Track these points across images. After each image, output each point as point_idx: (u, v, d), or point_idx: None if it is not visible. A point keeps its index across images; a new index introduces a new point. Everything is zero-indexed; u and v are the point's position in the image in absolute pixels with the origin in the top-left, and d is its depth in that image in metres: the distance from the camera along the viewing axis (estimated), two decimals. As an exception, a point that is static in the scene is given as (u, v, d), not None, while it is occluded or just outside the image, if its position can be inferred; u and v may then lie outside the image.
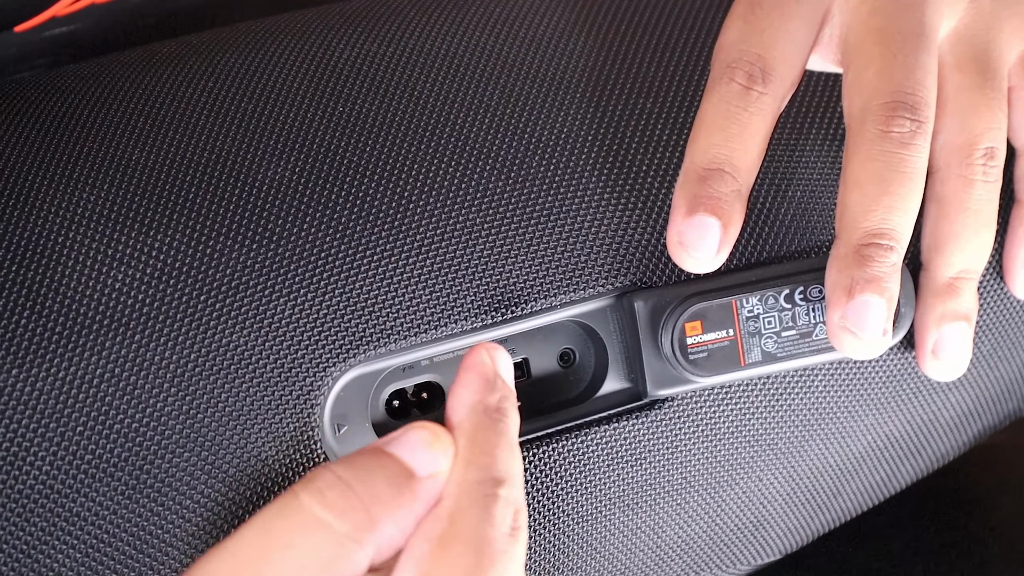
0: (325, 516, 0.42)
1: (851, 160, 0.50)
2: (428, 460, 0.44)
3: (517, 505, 0.44)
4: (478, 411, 0.46)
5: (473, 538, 0.43)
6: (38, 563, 0.48)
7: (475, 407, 0.46)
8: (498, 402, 0.46)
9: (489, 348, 0.47)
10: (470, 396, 0.46)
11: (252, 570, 0.42)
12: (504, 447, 0.45)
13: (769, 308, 0.53)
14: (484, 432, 0.45)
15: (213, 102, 0.53)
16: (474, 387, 0.46)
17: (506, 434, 0.46)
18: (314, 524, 0.42)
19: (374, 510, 0.43)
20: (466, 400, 0.46)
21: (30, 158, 0.51)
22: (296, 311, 0.50)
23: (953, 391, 0.59)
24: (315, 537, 0.42)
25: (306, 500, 0.43)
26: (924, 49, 0.51)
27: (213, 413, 0.49)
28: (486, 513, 0.43)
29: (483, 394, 0.46)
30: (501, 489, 0.44)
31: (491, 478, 0.44)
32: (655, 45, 0.57)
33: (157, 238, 0.50)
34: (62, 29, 0.67)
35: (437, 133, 0.53)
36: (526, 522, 0.45)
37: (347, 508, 0.43)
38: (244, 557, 0.42)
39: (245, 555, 0.42)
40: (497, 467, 0.45)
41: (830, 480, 0.58)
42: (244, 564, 0.42)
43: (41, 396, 0.48)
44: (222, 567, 0.42)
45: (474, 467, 0.45)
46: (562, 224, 0.52)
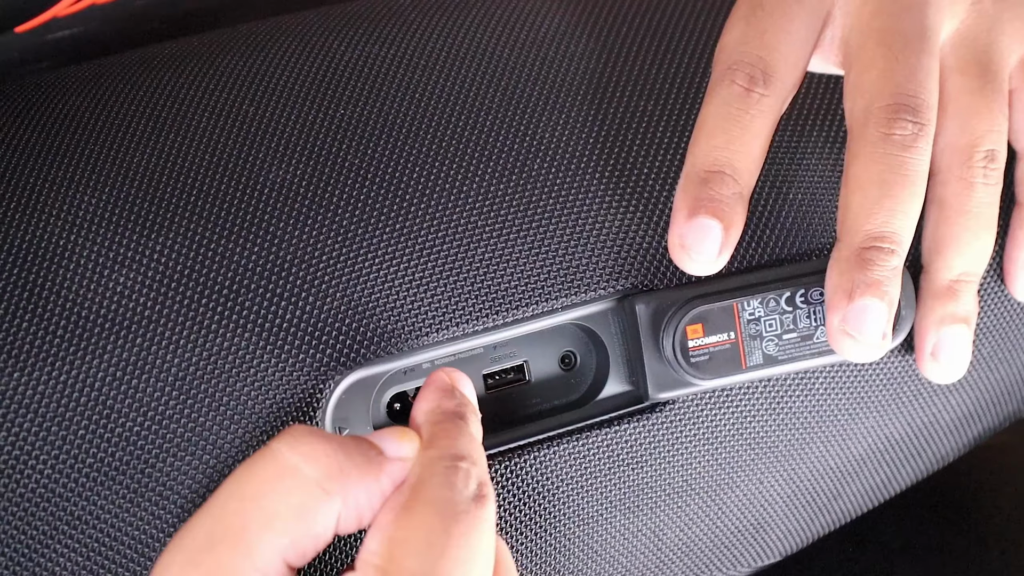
0: (295, 460, 0.43)
1: (853, 162, 0.50)
2: (396, 445, 0.46)
3: (481, 479, 0.45)
4: (436, 412, 0.47)
5: (435, 500, 0.44)
6: (40, 566, 0.48)
7: (434, 410, 0.47)
8: (456, 407, 0.48)
9: (448, 370, 0.49)
10: (428, 403, 0.48)
11: (225, 523, 0.43)
12: (464, 435, 0.47)
13: (770, 311, 0.53)
14: (443, 425, 0.47)
15: (214, 104, 0.53)
16: (432, 396, 0.48)
17: (465, 428, 0.47)
18: (284, 469, 0.43)
19: (345, 465, 0.44)
20: (425, 407, 0.48)
21: (31, 160, 0.51)
22: (298, 314, 0.50)
23: (953, 393, 0.59)
24: (284, 482, 0.43)
25: (277, 447, 0.44)
26: (926, 51, 0.51)
27: (214, 416, 0.49)
28: (447, 479, 0.44)
29: (440, 401, 0.48)
30: (461, 463, 0.45)
31: (451, 455, 0.45)
32: (656, 47, 0.57)
33: (159, 241, 0.50)
34: (64, 32, 0.67)
35: (438, 135, 0.53)
36: (493, 496, 0.45)
37: (318, 454, 0.44)
38: (219, 511, 0.43)
39: (220, 509, 0.43)
40: (457, 447, 0.46)
41: (830, 482, 0.58)
42: (219, 519, 0.43)
43: (43, 399, 0.48)
44: (200, 525, 0.43)
45: (434, 448, 0.46)
46: (563, 227, 0.52)
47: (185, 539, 0.43)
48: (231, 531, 0.43)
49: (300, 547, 0.43)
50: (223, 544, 0.42)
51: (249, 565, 0.42)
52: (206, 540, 0.43)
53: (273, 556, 0.43)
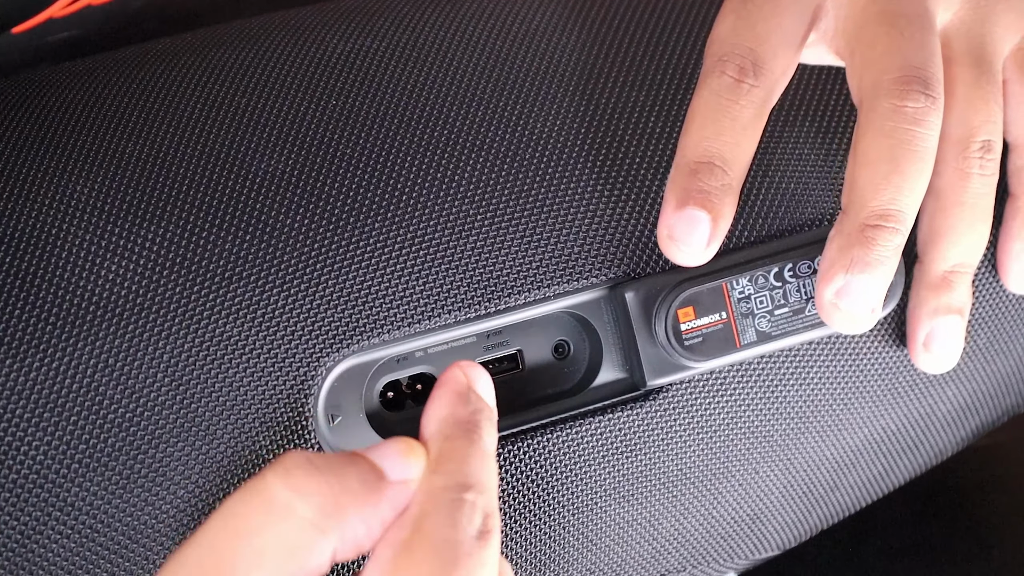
0: (289, 499, 0.42)
1: (862, 136, 0.49)
2: (400, 466, 0.44)
3: (487, 510, 0.43)
4: (448, 423, 0.45)
5: (437, 542, 0.42)
6: (32, 552, 0.48)
7: (446, 420, 0.46)
8: (470, 415, 0.46)
9: (464, 366, 0.47)
10: (440, 411, 0.46)
11: (216, 559, 0.41)
12: (474, 455, 0.45)
13: (760, 288, 0.53)
14: (453, 441, 0.45)
15: (207, 96, 0.53)
16: (445, 401, 0.46)
17: (478, 444, 0.45)
18: (276, 506, 0.42)
19: (341, 499, 0.42)
20: (437, 414, 0.46)
21: (24, 151, 0.52)
22: (290, 302, 0.50)
23: (950, 385, 0.59)
24: (278, 522, 0.41)
25: (271, 480, 0.42)
26: (929, 29, 0.51)
27: (207, 403, 0.49)
28: (451, 518, 0.43)
29: (454, 408, 0.46)
30: (467, 494, 0.43)
31: (457, 484, 0.43)
32: (648, 39, 0.57)
33: (151, 229, 0.50)
34: (63, 35, 0.67)
35: (430, 126, 0.53)
36: (498, 527, 0.44)
37: (313, 491, 0.42)
38: (209, 546, 0.42)
39: (210, 544, 0.42)
40: (464, 473, 0.44)
41: (827, 473, 0.58)
42: (210, 553, 0.42)
43: (35, 386, 0.48)
44: (190, 557, 0.42)
45: (440, 474, 0.44)
46: (555, 216, 0.52)
47: (177, 570, 0.42)
48: (221, 568, 0.41)
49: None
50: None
51: None
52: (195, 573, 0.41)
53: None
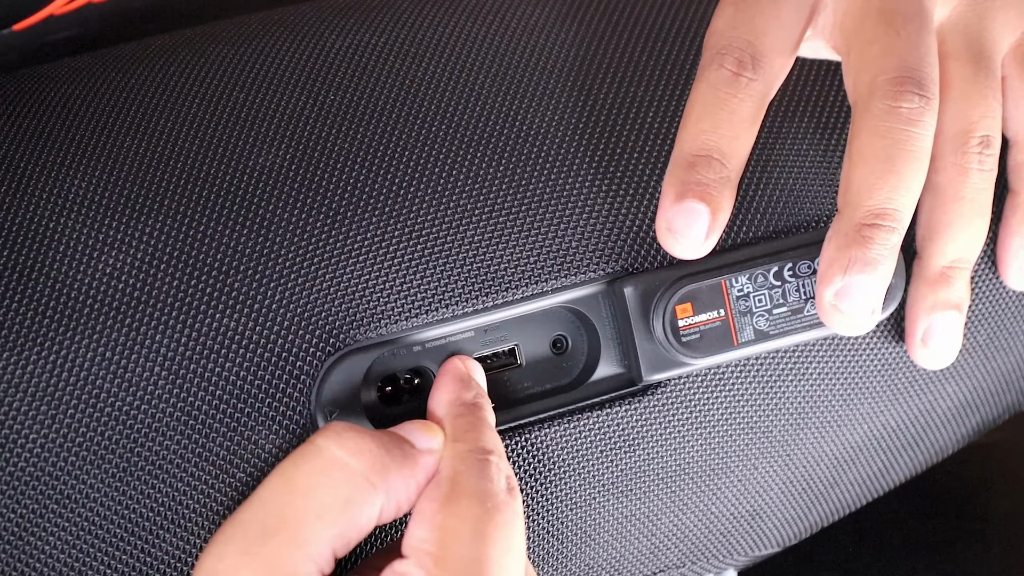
0: (341, 455, 0.46)
1: (857, 136, 0.49)
2: (424, 438, 0.48)
3: (507, 471, 0.48)
4: (456, 404, 0.50)
5: (476, 492, 0.46)
6: (29, 545, 0.48)
7: (454, 402, 0.50)
8: (474, 397, 0.50)
9: (463, 358, 0.52)
10: (448, 395, 0.50)
11: (278, 515, 0.45)
12: (487, 428, 0.49)
13: (759, 286, 0.53)
14: (465, 417, 0.49)
15: (204, 91, 0.53)
16: (451, 387, 0.50)
17: (487, 421, 0.49)
18: (331, 463, 0.46)
19: (385, 459, 0.47)
20: (445, 398, 0.50)
21: (22, 146, 0.52)
22: (287, 295, 0.50)
23: (949, 382, 0.59)
24: (333, 476, 0.46)
25: (323, 443, 0.46)
26: (926, 28, 0.51)
27: (204, 397, 0.49)
28: (483, 472, 0.47)
29: (459, 392, 0.50)
30: (492, 456, 0.48)
31: (479, 447, 0.48)
32: (646, 33, 0.57)
33: (148, 223, 0.50)
34: (63, 35, 0.68)
35: (428, 121, 0.53)
36: (517, 486, 0.48)
37: (362, 449, 0.46)
38: (271, 504, 0.46)
39: (271, 502, 0.46)
40: (483, 440, 0.48)
41: (826, 469, 0.58)
42: (271, 511, 0.46)
43: (33, 379, 0.48)
44: (253, 518, 0.46)
45: (462, 442, 0.48)
46: (552, 210, 0.52)
47: (237, 530, 0.45)
48: (285, 523, 0.45)
49: (347, 537, 0.46)
50: (278, 536, 0.45)
51: (303, 555, 0.45)
52: (260, 531, 0.45)
53: (324, 547, 0.45)
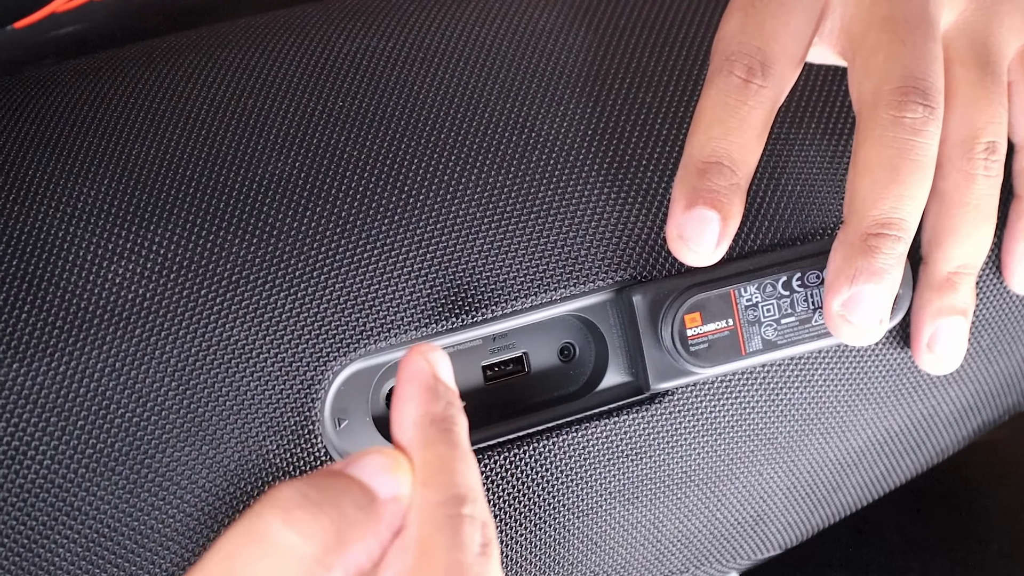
0: (291, 539, 0.41)
1: (862, 145, 0.49)
2: (388, 483, 0.43)
3: (483, 519, 0.43)
4: (424, 425, 0.44)
5: (445, 566, 0.42)
6: (39, 557, 0.48)
7: (421, 422, 0.44)
8: (443, 410, 0.45)
9: (424, 351, 0.46)
10: (413, 411, 0.45)
11: None
12: (458, 459, 0.44)
13: (767, 296, 0.53)
14: (435, 448, 0.44)
15: (212, 97, 0.53)
16: (416, 400, 0.45)
17: (458, 444, 0.44)
18: (280, 548, 0.41)
19: (343, 532, 0.42)
20: (409, 417, 0.45)
21: (30, 153, 0.51)
22: (296, 305, 0.50)
23: (952, 385, 0.59)
24: (281, 563, 0.41)
25: (271, 520, 0.41)
26: (931, 36, 0.51)
27: (213, 407, 0.49)
28: (455, 538, 0.42)
29: (427, 406, 0.45)
30: (464, 508, 0.43)
31: (452, 497, 0.43)
32: (654, 39, 0.57)
33: (157, 232, 0.50)
34: (67, 29, 0.67)
35: (436, 128, 0.53)
36: (495, 534, 0.43)
37: (315, 529, 0.41)
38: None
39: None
40: (456, 484, 0.43)
41: (830, 474, 0.58)
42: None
43: (42, 390, 0.48)
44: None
45: (432, 488, 0.43)
46: (561, 218, 0.52)
47: None
48: None
49: None
50: None
51: None
52: None
53: None
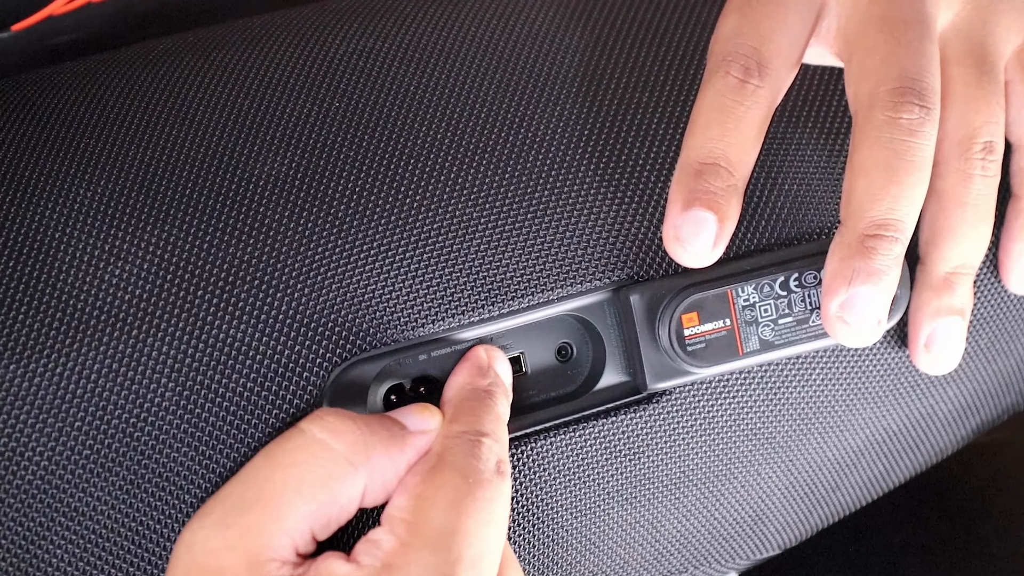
0: (323, 436, 0.47)
1: (858, 147, 0.50)
2: (419, 419, 0.49)
3: (501, 455, 0.48)
4: (467, 388, 0.51)
5: (461, 466, 0.47)
6: (36, 558, 0.48)
7: (464, 386, 0.51)
8: (488, 385, 0.51)
9: (486, 347, 0.52)
10: (462, 379, 0.51)
11: (257, 489, 0.46)
12: (489, 413, 0.50)
13: (765, 296, 0.53)
14: (470, 402, 0.50)
15: (209, 98, 0.53)
16: (466, 373, 0.51)
17: (493, 407, 0.50)
18: (313, 443, 0.47)
19: (369, 440, 0.47)
20: (459, 381, 0.51)
21: (27, 154, 0.51)
22: (293, 305, 0.50)
23: (951, 385, 0.59)
24: (314, 454, 0.46)
25: (307, 425, 0.47)
26: (927, 37, 0.51)
27: (211, 408, 0.49)
28: (471, 450, 0.48)
29: (473, 378, 0.51)
30: (485, 439, 0.48)
31: (474, 430, 0.49)
32: (651, 39, 0.57)
33: (154, 233, 0.50)
34: (65, 35, 0.67)
35: (433, 128, 0.53)
36: (509, 470, 0.49)
37: (343, 430, 0.47)
38: (251, 480, 0.47)
39: (252, 477, 0.47)
40: (481, 423, 0.49)
41: (828, 474, 0.58)
42: (250, 486, 0.46)
43: (39, 391, 0.48)
44: (232, 492, 0.47)
45: (458, 423, 0.49)
46: (558, 218, 0.52)
47: (216, 503, 0.46)
48: (263, 496, 0.46)
49: (326, 515, 0.46)
50: (255, 508, 0.46)
51: (278, 528, 0.45)
52: (238, 503, 0.46)
53: (300, 522, 0.46)
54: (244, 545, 0.45)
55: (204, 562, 0.45)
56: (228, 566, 0.45)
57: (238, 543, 0.45)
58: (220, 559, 0.45)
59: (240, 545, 0.45)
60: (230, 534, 0.45)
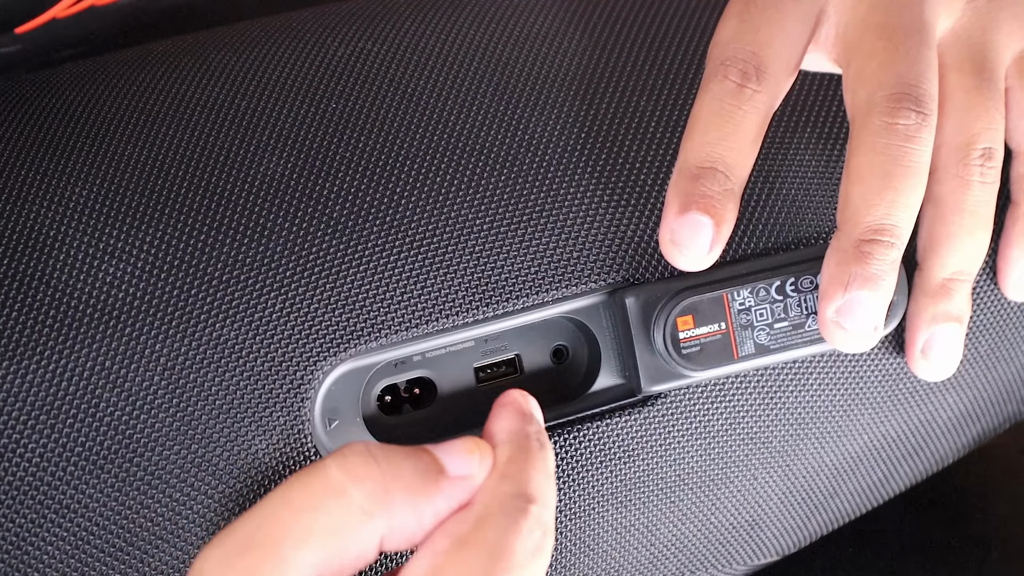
0: (342, 480, 0.43)
1: (855, 152, 0.50)
2: (462, 462, 0.44)
3: (547, 528, 0.44)
4: (519, 435, 0.46)
5: (496, 545, 0.42)
6: (27, 555, 0.48)
7: (517, 432, 0.46)
8: (537, 433, 0.46)
9: (522, 393, 0.47)
10: (510, 423, 0.46)
11: (264, 530, 0.43)
12: (543, 472, 0.45)
13: (760, 300, 0.53)
14: (524, 453, 0.45)
15: (206, 99, 0.53)
16: (514, 417, 0.46)
17: (546, 463, 0.45)
18: (329, 487, 0.43)
19: (392, 487, 0.43)
20: (507, 426, 0.46)
21: (23, 153, 0.52)
22: (287, 305, 0.50)
23: (950, 392, 0.59)
24: (328, 502, 0.43)
25: (328, 463, 0.43)
26: (925, 44, 0.51)
27: (203, 406, 0.49)
28: (514, 524, 0.43)
29: (522, 423, 0.46)
30: (533, 506, 0.44)
31: (523, 493, 0.44)
32: (649, 43, 0.57)
33: (149, 232, 0.50)
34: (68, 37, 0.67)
35: (430, 130, 0.53)
36: (551, 547, 0.44)
37: (365, 476, 0.43)
38: (261, 518, 0.43)
39: (262, 515, 0.44)
40: (532, 485, 0.44)
41: (826, 479, 0.58)
42: (259, 524, 0.43)
43: (32, 388, 0.48)
44: (242, 528, 0.43)
45: (509, 480, 0.44)
46: (554, 220, 0.52)
47: (226, 536, 0.44)
48: (268, 539, 0.43)
49: (336, 565, 0.43)
50: (259, 549, 0.43)
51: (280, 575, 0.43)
52: (244, 543, 0.43)
53: (306, 570, 0.43)
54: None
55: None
56: None
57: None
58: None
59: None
60: (231, 574, 0.43)
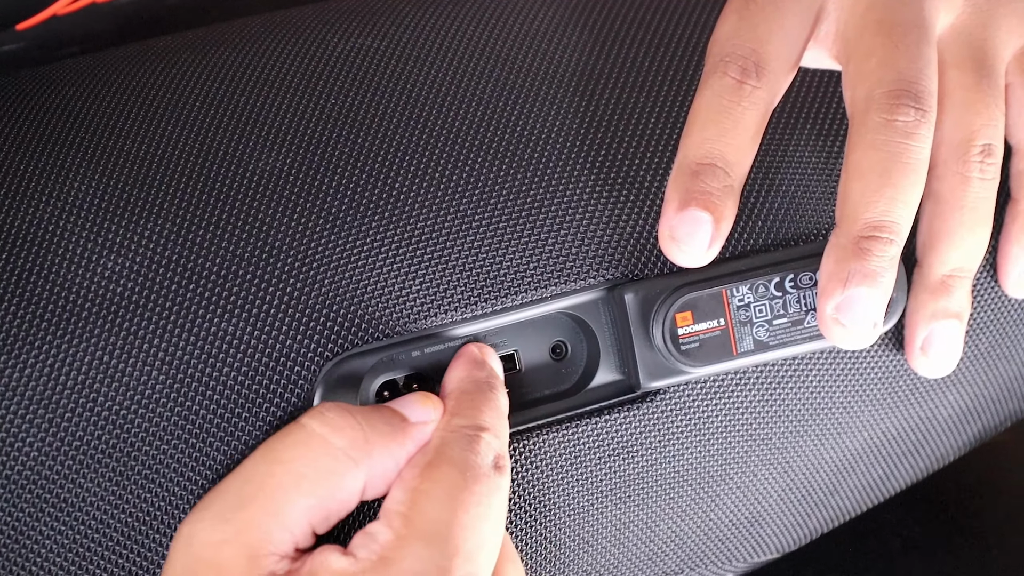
0: (323, 431, 0.47)
1: (854, 149, 0.50)
2: (419, 410, 0.49)
3: (500, 451, 0.49)
4: (467, 381, 0.51)
5: (458, 461, 0.47)
6: (25, 548, 0.48)
7: (464, 378, 0.51)
8: (487, 376, 0.51)
9: (479, 345, 0.52)
10: (462, 371, 0.51)
11: (256, 484, 0.47)
12: (489, 407, 0.50)
13: (760, 297, 0.53)
14: (470, 395, 0.50)
15: (206, 94, 0.53)
16: (463, 365, 0.51)
17: (493, 400, 0.50)
18: (313, 438, 0.47)
19: (370, 435, 0.47)
20: (459, 374, 0.51)
21: (23, 148, 0.52)
22: (286, 300, 0.50)
23: (950, 390, 0.59)
24: (313, 449, 0.47)
25: (307, 421, 0.47)
26: (925, 40, 0.51)
27: (201, 401, 0.49)
28: (470, 445, 0.48)
29: (471, 370, 0.51)
30: (485, 433, 0.49)
31: (473, 424, 0.49)
32: (649, 40, 0.57)
33: (148, 226, 0.50)
34: (69, 34, 0.68)
35: (429, 125, 0.53)
36: (509, 466, 0.49)
37: (343, 426, 0.47)
38: (250, 474, 0.47)
39: (251, 472, 0.47)
40: (481, 418, 0.49)
41: (826, 477, 0.58)
42: (250, 481, 0.47)
43: (30, 382, 0.48)
44: (232, 487, 0.47)
45: (459, 416, 0.49)
46: (553, 216, 0.52)
47: (215, 498, 0.47)
48: (262, 491, 0.46)
49: (326, 510, 0.47)
50: (254, 502, 0.46)
51: (277, 523, 0.46)
52: (237, 499, 0.46)
53: (300, 516, 0.46)
54: (243, 539, 0.45)
55: (203, 556, 0.45)
56: (227, 560, 0.45)
57: (237, 537, 0.45)
58: (219, 553, 0.45)
59: (239, 539, 0.45)
60: (229, 528, 0.46)
